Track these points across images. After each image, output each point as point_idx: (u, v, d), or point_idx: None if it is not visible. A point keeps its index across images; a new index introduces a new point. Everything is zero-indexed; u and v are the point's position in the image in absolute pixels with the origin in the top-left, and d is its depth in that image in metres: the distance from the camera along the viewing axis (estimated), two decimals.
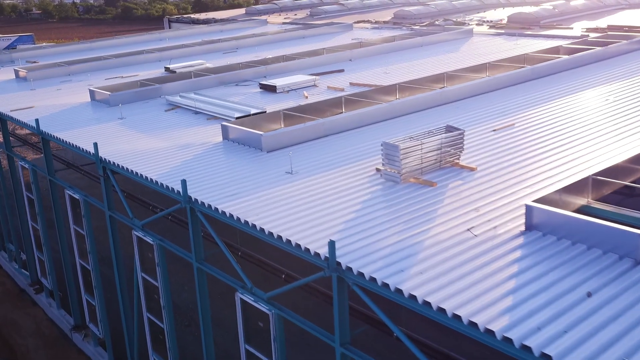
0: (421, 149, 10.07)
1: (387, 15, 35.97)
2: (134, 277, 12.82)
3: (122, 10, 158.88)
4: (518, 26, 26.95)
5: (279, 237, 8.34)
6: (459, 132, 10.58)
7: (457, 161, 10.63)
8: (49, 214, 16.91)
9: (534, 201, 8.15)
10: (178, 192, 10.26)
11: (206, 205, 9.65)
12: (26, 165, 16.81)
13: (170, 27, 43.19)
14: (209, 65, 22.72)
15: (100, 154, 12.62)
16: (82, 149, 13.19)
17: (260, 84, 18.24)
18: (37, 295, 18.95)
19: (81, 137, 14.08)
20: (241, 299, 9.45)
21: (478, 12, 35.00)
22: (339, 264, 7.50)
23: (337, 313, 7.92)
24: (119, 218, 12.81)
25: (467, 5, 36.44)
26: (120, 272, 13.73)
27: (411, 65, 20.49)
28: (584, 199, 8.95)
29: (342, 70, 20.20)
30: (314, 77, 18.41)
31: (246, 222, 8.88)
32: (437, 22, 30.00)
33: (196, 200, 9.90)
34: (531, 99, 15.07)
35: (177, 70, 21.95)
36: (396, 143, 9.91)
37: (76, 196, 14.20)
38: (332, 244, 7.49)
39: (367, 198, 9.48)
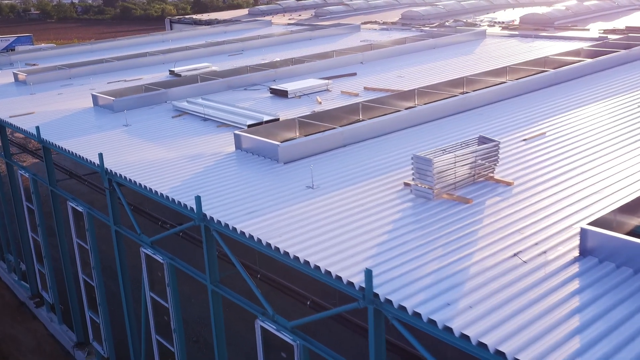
0: (454, 162, 9.32)
1: (394, 16, 35.23)
2: (141, 296, 12.07)
3: (121, 10, 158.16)
4: (531, 27, 26.21)
5: (306, 262, 7.59)
6: (494, 143, 9.83)
7: (492, 175, 9.88)
8: (50, 223, 16.15)
9: (590, 224, 7.39)
10: (191, 208, 9.51)
11: (223, 224, 8.89)
12: (26, 174, 16.04)
13: (172, 28, 42.45)
14: (215, 68, 21.96)
15: (105, 165, 11.86)
16: (87, 159, 12.43)
17: (270, 88, 17.48)
18: (38, 309, 18.18)
19: (85, 146, 13.32)
20: (261, 326, 8.70)
21: (487, 13, 34.26)
22: (376, 295, 6.75)
23: (372, 347, 7.17)
24: (126, 234, 12.05)
25: (475, 5, 35.69)
26: (127, 290, 12.97)
27: (425, 69, 19.74)
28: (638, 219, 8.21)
29: (354, 74, 19.45)
30: (326, 81, 17.66)
31: (268, 245, 8.13)
32: (447, 23, 29.25)
33: (211, 218, 9.14)
34: (558, 105, 14.32)
35: (183, 74, 21.20)
36: (428, 157, 9.16)
37: (79, 209, 13.44)
38: (369, 273, 6.74)
39: (399, 217, 8.73)
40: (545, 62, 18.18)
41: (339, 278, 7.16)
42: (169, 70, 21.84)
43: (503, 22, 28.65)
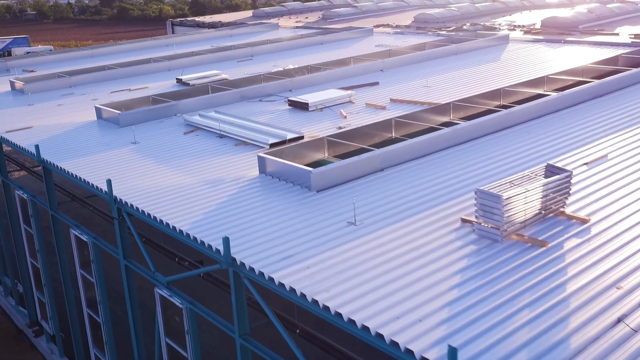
0: (524, 197, 8.02)
1: (406, 19, 33.92)
2: (155, 339, 10.74)
3: (118, 10, 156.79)
4: (555, 32, 24.94)
5: (365, 327, 6.28)
6: (566, 174, 8.53)
7: (563, 210, 8.58)
8: (50, 248, 14.79)
9: None
10: (217, 250, 8.20)
11: (257, 271, 7.58)
12: (24, 195, 14.69)
13: (173, 31, 41.08)
14: (225, 76, 20.63)
15: (114, 193, 10.53)
16: (93, 185, 11.10)
17: (289, 100, 16.15)
18: (37, 338, 16.81)
19: (90, 168, 11.99)
20: None
21: (503, 16, 32.95)
22: None
23: None
24: (138, 270, 10.70)
25: (490, 8, 34.40)
26: (138, 332, 11.62)
27: (451, 77, 18.43)
28: None
29: (376, 83, 18.14)
30: (348, 92, 16.33)
31: (315, 302, 6.82)
32: (465, 27, 27.95)
33: (242, 263, 7.83)
34: (610, 121, 13.03)
35: (191, 82, 19.88)
36: (497, 192, 7.85)
37: (84, 238, 12.10)
38: (452, 353, 5.43)
39: (465, 264, 7.42)
40: (584, 71, 16.90)
41: (409, 352, 5.85)
42: (176, 79, 20.50)
43: (524, 26, 27.35)
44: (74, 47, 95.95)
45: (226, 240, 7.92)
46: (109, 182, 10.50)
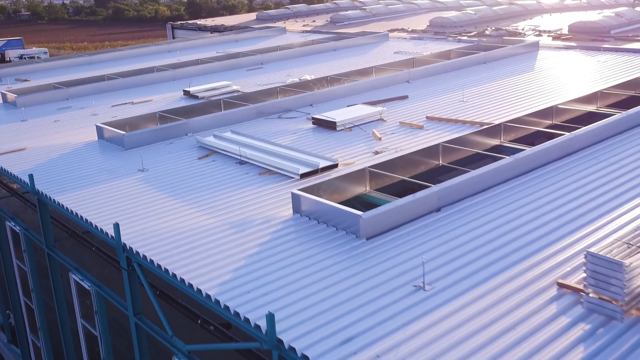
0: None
1: (419, 22, 32.29)
2: None
3: (114, 11, 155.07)
4: (587, 37, 23.33)
5: None
6: None
7: None
8: (46, 285, 13.10)
9: None
10: (257, 325, 6.53)
11: None
12: (17, 229, 12.97)
13: (174, 35, 39.37)
14: (236, 87, 18.97)
15: (123, 239, 8.85)
16: (98, 227, 9.42)
17: (313, 118, 14.47)
18: None
19: (93, 204, 10.31)
20: None
21: (524, 19, 31.36)
22: None
23: None
24: (152, 332, 8.99)
25: (509, 11, 32.80)
26: None
27: (487, 90, 16.78)
28: None
29: (405, 97, 16.49)
30: (379, 108, 14.66)
31: None
32: (487, 32, 26.33)
33: (292, 348, 6.16)
34: None
35: (200, 95, 18.20)
36: (615, 257, 6.19)
37: (87, 286, 10.40)
38: None
39: (582, 354, 5.76)
40: (638, 84, 15.28)
41: None
42: (184, 91, 18.80)
43: (550, 31, 25.73)
44: (69, 49, 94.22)
45: (271, 318, 6.24)
46: (116, 226, 8.81)
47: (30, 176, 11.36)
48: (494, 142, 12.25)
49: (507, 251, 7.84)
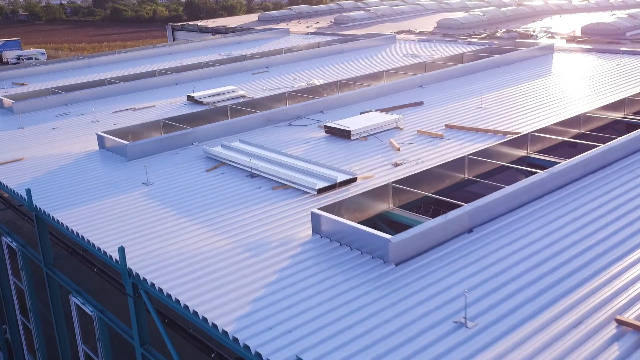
0: None
1: (425, 24, 31.59)
2: None
3: (112, 11, 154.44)
4: (602, 40, 22.63)
5: None
6: None
7: None
8: (45, 298, 12.36)
9: None
10: None
11: None
12: (13, 245, 12.24)
13: (174, 36, 38.65)
14: (242, 92, 18.25)
15: (128, 264, 8.13)
16: (101, 249, 8.69)
17: (325, 126, 13.75)
18: None
19: (95, 223, 9.58)
20: None
21: (533, 21, 30.66)
22: None
23: None
24: None
25: (517, 12, 32.09)
26: None
27: (506, 96, 16.06)
28: None
29: (420, 103, 15.78)
30: (395, 116, 13.94)
31: None
32: (498, 34, 25.62)
33: None
34: None
35: (204, 100, 17.49)
36: None
37: (89, 311, 9.67)
38: None
39: None
40: None
41: None
42: (188, 96, 18.07)
43: (563, 34, 25.03)
44: (67, 49, 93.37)
45: None
46: (121, 250, 8.08)
47: (28, 191, 10.63)
48: (520, 153, 11.55)
49: (553, 280, 7.13)
